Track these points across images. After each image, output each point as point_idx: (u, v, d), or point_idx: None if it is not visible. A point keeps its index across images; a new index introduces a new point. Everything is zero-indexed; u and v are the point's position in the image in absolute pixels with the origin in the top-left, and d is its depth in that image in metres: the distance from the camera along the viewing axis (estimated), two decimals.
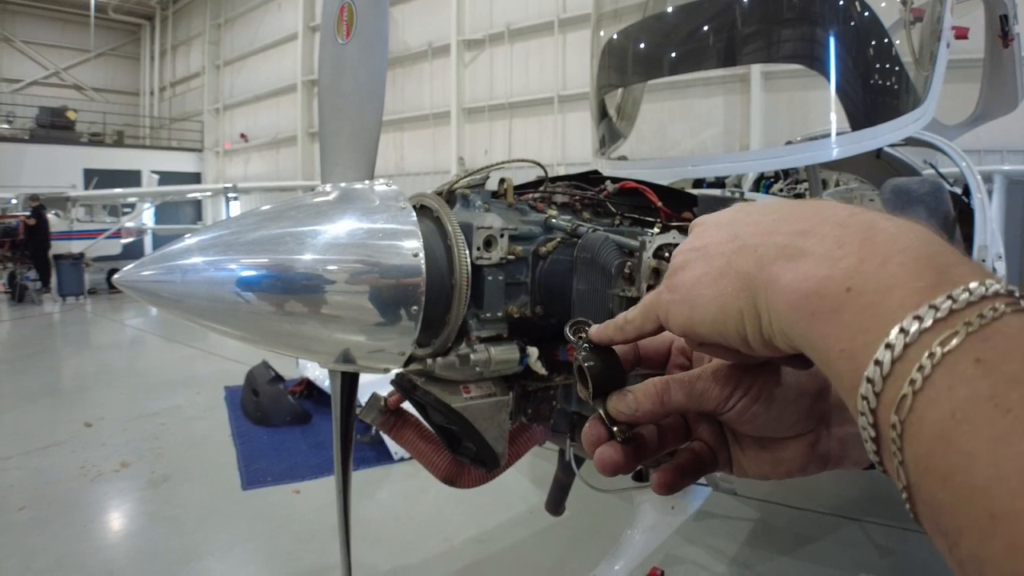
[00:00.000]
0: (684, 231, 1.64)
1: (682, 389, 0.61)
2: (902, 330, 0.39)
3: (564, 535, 4.07)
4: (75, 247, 16.56)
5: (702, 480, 2.43)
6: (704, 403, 0.60)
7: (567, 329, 0.68)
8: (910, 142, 3.44)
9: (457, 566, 3.95)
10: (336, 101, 1.61)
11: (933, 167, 4.31)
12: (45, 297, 15.73)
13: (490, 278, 1.60)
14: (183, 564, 3.99)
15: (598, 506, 3.15)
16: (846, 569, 3.80)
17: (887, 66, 2.62)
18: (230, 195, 18.51)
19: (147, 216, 21.62)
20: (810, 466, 0.62)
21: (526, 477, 4.80)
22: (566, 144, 17.88)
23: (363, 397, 1.77)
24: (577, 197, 1.92)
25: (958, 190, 4.06)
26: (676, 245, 1.50)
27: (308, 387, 6.97)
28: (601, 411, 0.62)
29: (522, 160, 1.97)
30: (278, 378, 6.83)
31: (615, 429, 0.61)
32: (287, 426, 6.31)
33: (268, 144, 28.39)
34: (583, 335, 0.66)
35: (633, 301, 1.48)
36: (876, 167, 4.07)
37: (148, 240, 25.71)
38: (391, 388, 1.79)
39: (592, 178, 2.06)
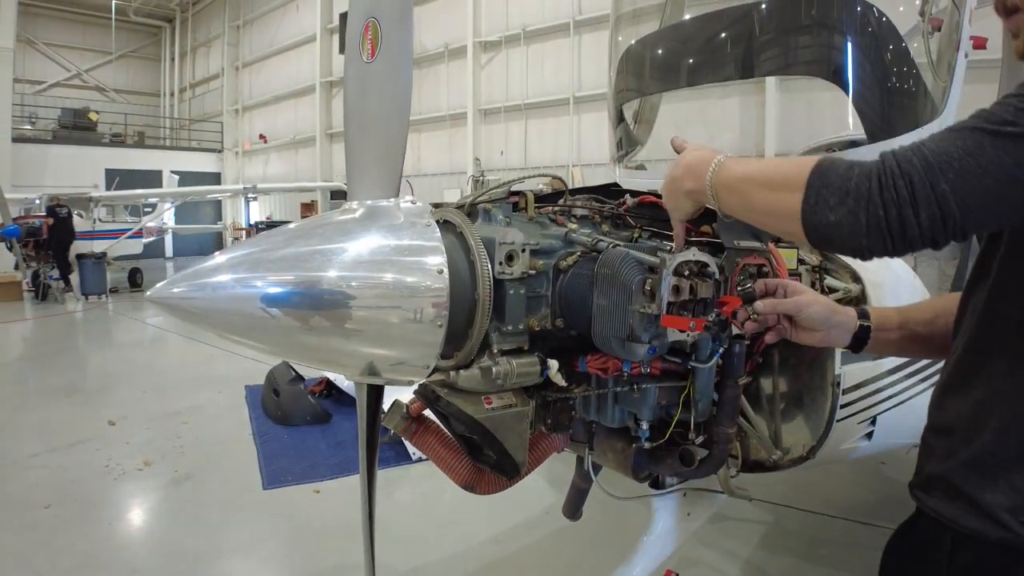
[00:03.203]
0: (703, 246, 1.68)
1: (782, 307, 1.56)
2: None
3: (581, 538, 4.10)
4: (97, 246, 16.77)
5: (717, 487, 2.46)
6: (788, 312, 1.56)
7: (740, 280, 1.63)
8: None
9: (474, 566, 3.99)
10: (362, 119, 1.66)
11: None
12: (68, 296, 15.93)
13: (512, 292, 1.64)
14: (205, 562, 4.06)
15: (615, 511, 3.18)
16: (860, 573, 3.80)
17: (905, 78, 2.64)
18: (249, 195, 18.68)
19: (167, 216, 21.84)
20: (823, 341, 1.59)
21: (543, 479, 4.83)
22: (582, 145, 17.90)
23: (385, 402, 1.82)
24: (596, 210, 1.96)
25: None
26: (696, 262, 1.54)
27: (328, 387, 7.04)
28: (749, 307, 1.55)
29: (543, 175, 2.01)
30: (298, 378, 6.89)
31: (752, 315, 1.54)
32: (307, 425, 6.37)
33: (287, 145, 28.60)
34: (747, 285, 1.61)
35: (653, 318, 1.52)
36: None
37: (168, 239, 26.04)
38: (412, 395, 1.84)
39: (612, 190, 2.10)
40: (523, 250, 1.64)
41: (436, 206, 1.83)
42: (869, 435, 2.45)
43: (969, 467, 1.23)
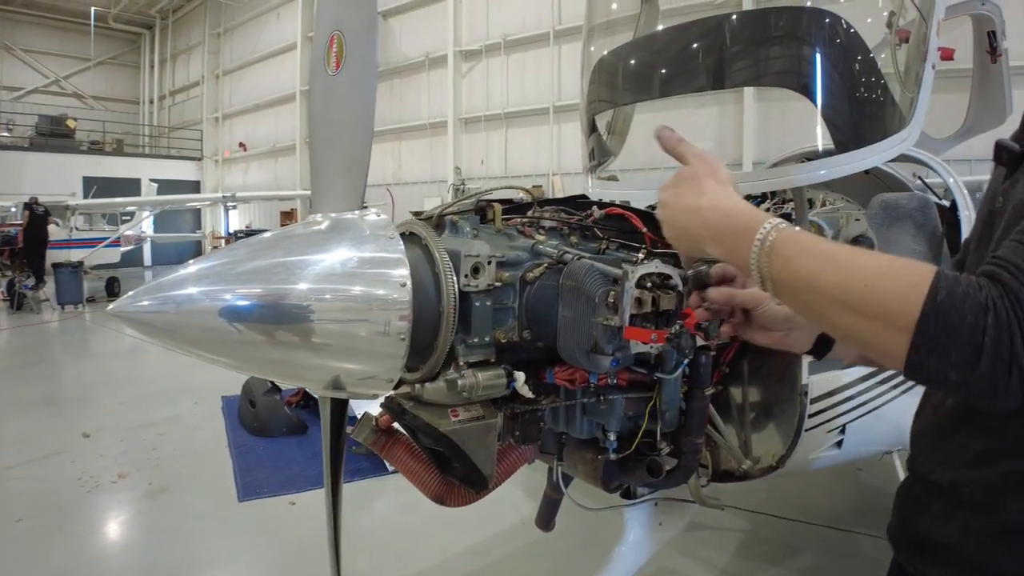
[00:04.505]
0: (668, 258, 1.69)
1: (739, 299, 1.31)
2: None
3: (556, 548, 4.10)
4: (74, 255, 16.59)
5: (689, 496, 2.47)
6: (744, 304, 1.32)
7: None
8: (898, 158, 3.49)
9: None
10: (327, 131, 1.66)
11: (921, 180, 4.35)
12: (44, 305, 15.74)
13: (477, 304, 1.64)
14: (180, 575, 4.02)
15: (591, 521, 3.18)
16: None
17: (873, 89, 2.67)
18: (229, 204, 18.55)
19: (146, 224, 21.67)
20: (780, 343, 1.34)
21: (519, 489, 4.82)
22: (562, 154, 17.96)
23: (356, 413, 1.81)
24: (564, 222, 1.96)
25: (947, 203, 4.10)
26: (659, 274, 1.55)
27: (305, 397, 7.00)
28: (700, 295, 1.36)
29: (511, 187, 2.02)
30: (275, 389, 6.84)
31: (704, 303, 1.36)
32: (284, 437, 6.33)
33: (267, 153, 28.47)
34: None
35: (616, 330, 1.52)
36: (865, 181, 4.12)
37: (147, 248, 25.77)
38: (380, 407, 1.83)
39: (580, 202, 2.10)
40: (489, 262, 1.64)
41: (416, 215, 1.83)
42: (839, 443, 2.46)
43: (989, 537, 1.07)
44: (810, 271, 0.97)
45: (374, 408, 1.88)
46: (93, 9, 30.99)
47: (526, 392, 1.72)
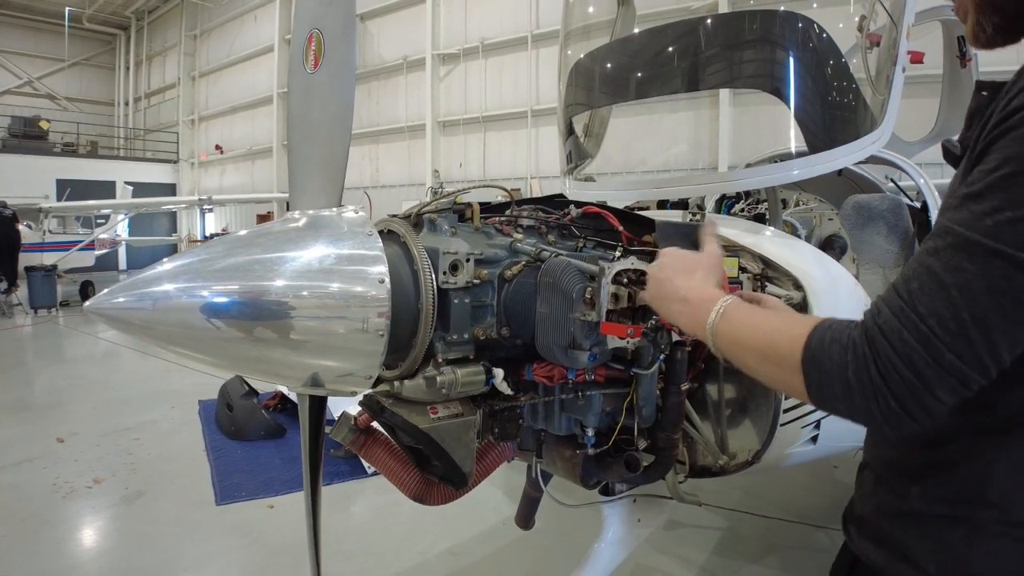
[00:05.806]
0: (644, 255, 1.71)
1: None
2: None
3: (536, 547, 4.12)
4: (47, 259, 16.35)
5: (667, 493, 2.50)
6: None
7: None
8: (870, 159, 3.55)
9: None
10: (305, 129, 1.66)
11: (894, 182, 4.42)
12: (16, 309, 15.51)
13: (456, 301, 1.65)
14: None
15: (571, 519, 3.20)
16: None
17: (844, 91, 2.71)
18: (205, 207, 18.38)
19: (121, 228, 21.41)
20: None
21: (499, 489, 4.83)
22: (540, 158, 18.02)
23: (335, 413, 1.81)
24: (542, 220, 1.98)
25: (918, 204, 4.17)
26: (634, 271, 1.57)
27: (282, 401, 6.95)
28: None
29: (489, 185, 2.03)
30: (252, 392, 6.78)
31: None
32: (261, 440, 6.29)
33: (243, 156, 28.28)
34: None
35: (593, 325, 1.54)
36: (838, 183, 4.18)
37: (122, 252, 25.46)
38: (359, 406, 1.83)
39: (557, 201, 2.12)
40: (467, 260, 1.65)
41: (393, 217, 1.84)
42: (814, 439, 2.49)
43: (898, 516, 1.15)
44: (732, 331, 1.16)
45: (353, 408, 1.88)
46: (67, 9, 30.61)
47: (505, 389, 1.73)
